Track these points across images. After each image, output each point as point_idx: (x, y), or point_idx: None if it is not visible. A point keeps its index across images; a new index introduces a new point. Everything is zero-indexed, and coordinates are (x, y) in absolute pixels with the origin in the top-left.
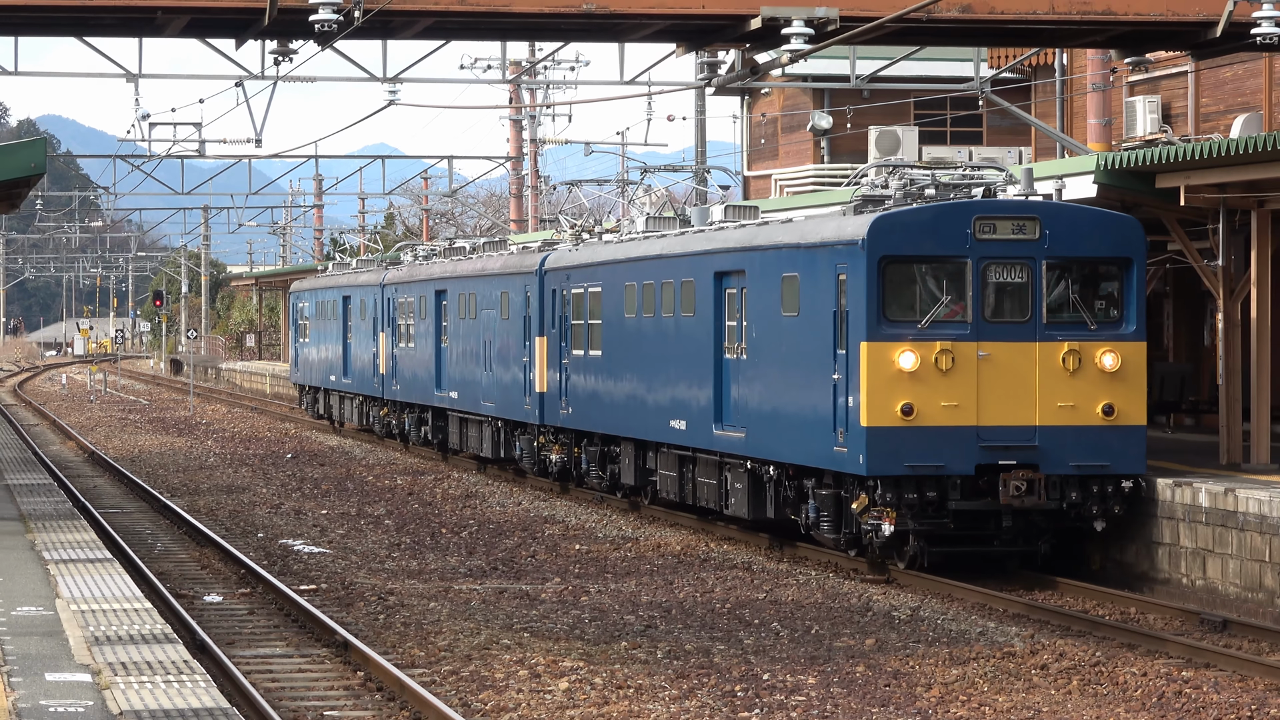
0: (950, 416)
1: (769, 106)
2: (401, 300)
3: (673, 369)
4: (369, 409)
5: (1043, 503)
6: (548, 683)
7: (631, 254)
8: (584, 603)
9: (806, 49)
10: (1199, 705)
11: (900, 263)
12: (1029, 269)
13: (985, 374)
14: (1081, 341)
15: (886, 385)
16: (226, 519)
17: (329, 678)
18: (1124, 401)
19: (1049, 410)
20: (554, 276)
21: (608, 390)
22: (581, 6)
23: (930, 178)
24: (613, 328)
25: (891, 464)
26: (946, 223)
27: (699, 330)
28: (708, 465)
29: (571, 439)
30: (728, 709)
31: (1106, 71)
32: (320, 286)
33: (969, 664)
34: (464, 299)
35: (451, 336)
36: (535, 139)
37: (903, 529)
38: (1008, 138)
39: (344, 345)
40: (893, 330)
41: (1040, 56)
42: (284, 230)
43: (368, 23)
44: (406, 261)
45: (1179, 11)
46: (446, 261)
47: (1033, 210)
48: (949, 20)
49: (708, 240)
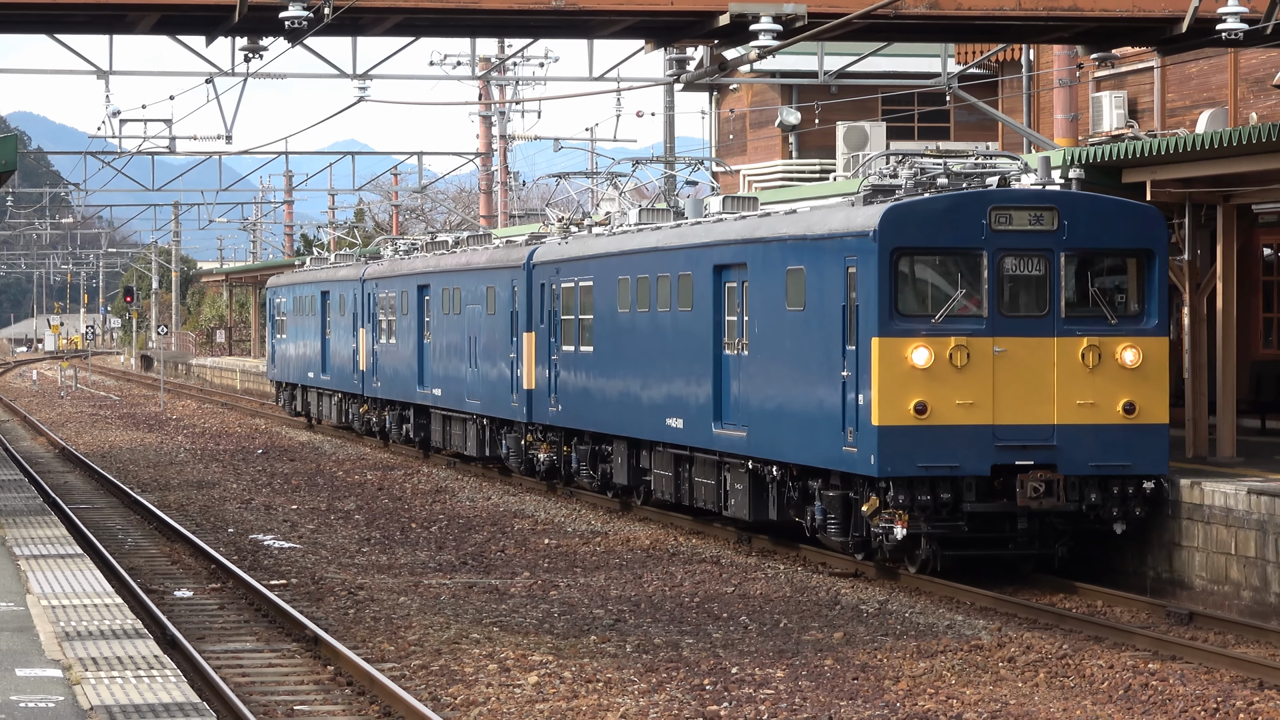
0: (965, 415)
1: (737, 102)
2: (382, 295)
3: (669, 365)
4: (348, 406)
5: (1061, 504)
6: (517, 677)
7: (625, 247)
8: (553, 597)
9: (774, 45)
10: (1165, 697)
11: (913, 254)
12: (1047, 261)
13: (1001, 370)
14: (1101, 336)
15: (899, 382)
16: (197, 514)
17: (299, 672)
18: (1145, 399)
19: (1068, 408)
20: (542, 270)
21: (600, 387)
22: (550, 3)
23: (942, 166)
24: (605, 323)
25: (904, 464)
26: (961, 213)
27: (697, 325)
28: (706, 465)
29: (561, 437)
30: (696, 702)
31: (1073, 67)
32: (298, 282)
33: (936, 657)
34: (448, 294)
35: (434, 332)
36: (505, 135)
37: (915, 532)
38: (975, 133)
39: (322, 341)
40: (905, 325)
41: (1007, 52)
42: (254, 226)
43: (337, 20)
44: (387, 256)
45: (1145, 7)
46: (429, 256)
47: (1050, 200)
48: (916, 17)
49: (706, 232)
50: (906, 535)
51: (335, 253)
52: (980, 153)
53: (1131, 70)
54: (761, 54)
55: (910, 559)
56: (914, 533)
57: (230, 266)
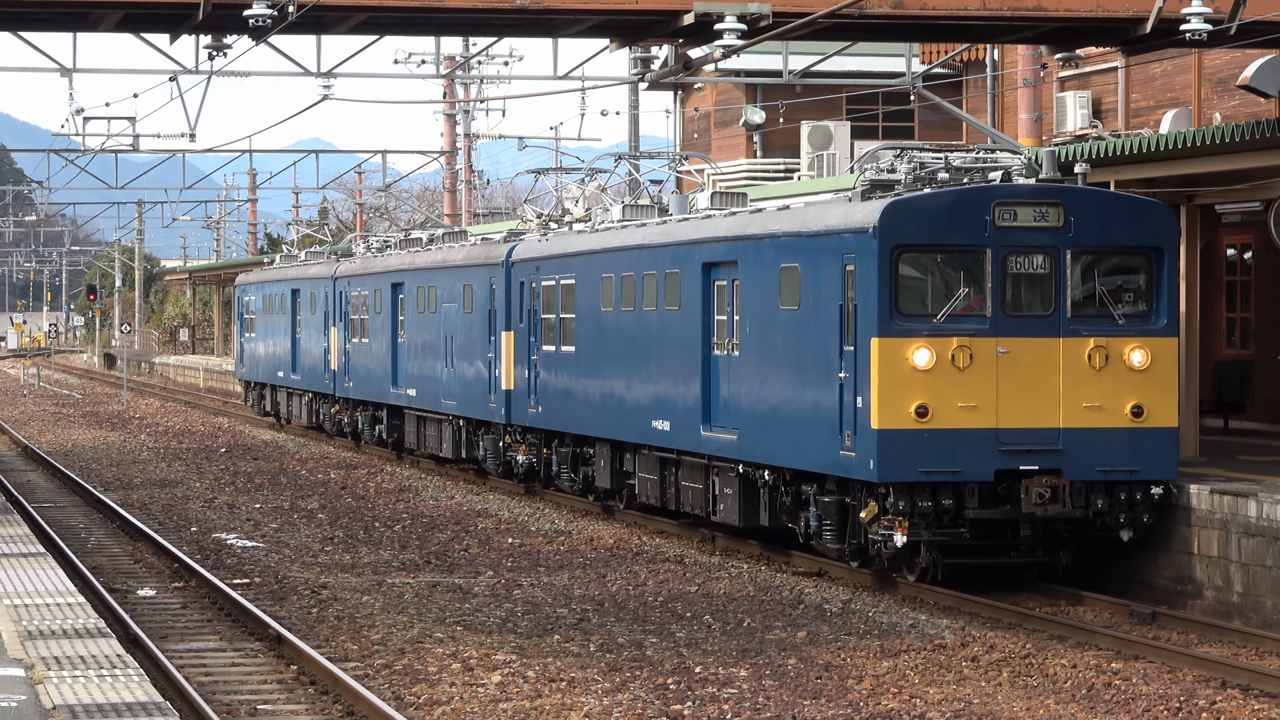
0: (968, 418)
1: (702, 101)
2: (355, 294)
3: (655, 366)
4: (319, 406)
5: (1067, 511)
6: (480, 676)
7: (608, 244)
8: (517, 596)
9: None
10: (1128, 696)
11: (914, 252)
12: (1052, 258)
13: (1005, 372)
14: (1108, 337)
15: (899, 384)
16: (160, 513)
17: (262, 672)
18: (1154, 402)
19: (1074, 411)
20: (522, 268)
21: (582, 388)
22: (515, 2)
23: (943, 161)
24: (588, 322)
25: (905, 469)
26: (964, 209)
27: (685, 325)
28: (693, 468)
29: (541, 439)
30: (660, 701)
31: (1037, 67)
32: (267, 279)
33: (900, 656)
34: (423, 292)
35: (409, 331)
36: (469, 133)
37: (915, 540)
38: (939, 132)
39: (293, 340)
40: (906, 325)
41: (972, 52)
42: (218, 225)
43: (302, 18)
44: (359, 253)
45: (1109, 8)
46: (403, 253)
47: (1056, 195)
48: (881, 16)
49: (695, 229)
50: (906, 543)
51: (306, 250)
52: (982, 147)
53: (1096, 70)
54: (726, 53)
55: (909, 567)
56: (914, 540)
57: (194, 265)
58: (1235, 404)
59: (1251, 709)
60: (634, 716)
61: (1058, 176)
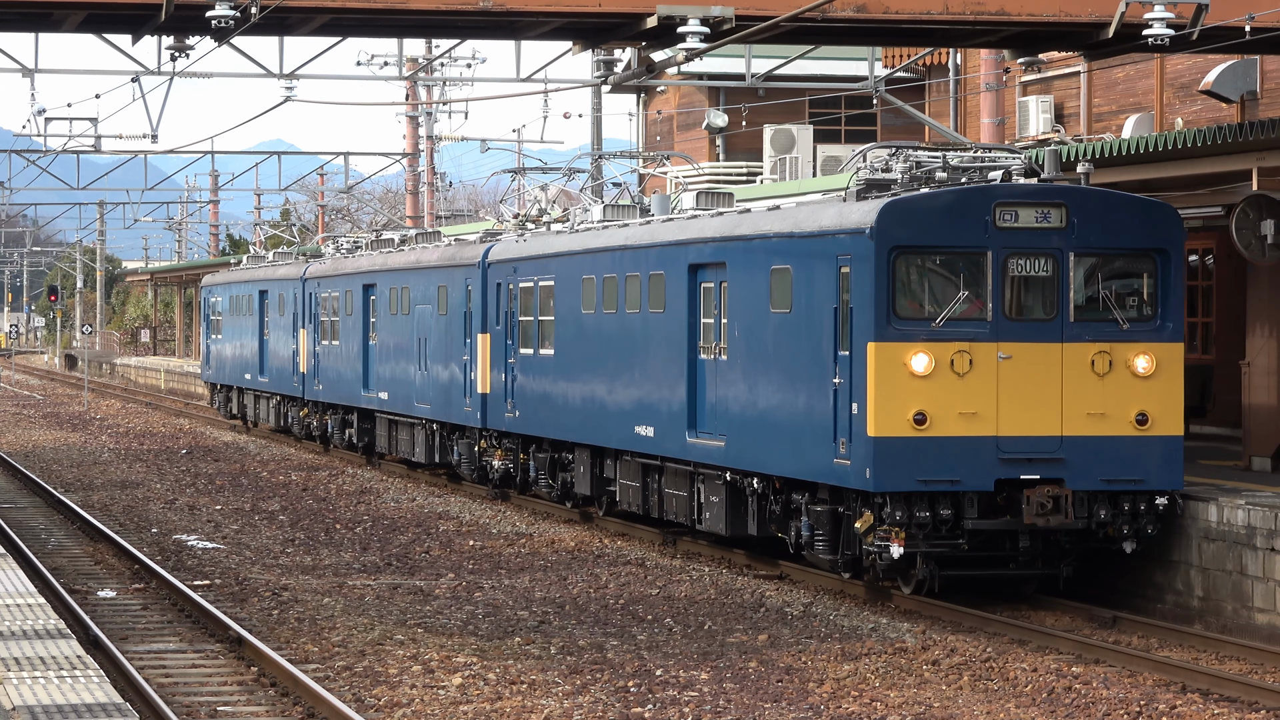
0: (967, 425)
1: (665, 104)
2: (325, 295)
3: (638, 370)
4: (287, 409)
5: (1070, 521)
6: (441, 678)
7: (590, 245)
8: (478, 598)
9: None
10: (1089, 701)
11: (912, 253)
12: (1055, 261)
13: (1006, 378)
14: (1112, 342)
15: (897, 390)
16: (121, 514)
17: (223, 673)
18: (1159, 409)
19: (1076, 419)
20: (499, 269)
21: (561, 392)
22: (478, 4)
23: (940, 160)
24: (568, 324)
25: (902, 479)
26: (964, 209)
27: (670, 328)
28: (677, 475)
29: (518, 444)
30: (621, 704)
31: (1000, 71)
32: (234, 280)
33: (861, 659)
34: (395, 294)
35: (381, 333)
36: (431, 136)
37: (912, 551)
38: (902, 136)
39: (260, 342)
40: (904, 329)
41: (934, 56)
42: (179, 226)
43: (264, 19)
44: (329, 254)
45: (1071, 12)
46: (375, 254)
47: (1059, 195)
48: (844, 20)
49: (680, 229)
50: (903, 554)
51: (274, 251)
52: (979, 145)
53: (1058, 75)
54: (689, 56)
55: (904, 579)
56: (911, 552)
57: (155, 266)
58: (1196, 409)
59: (1212, 713)
60: (595, 718)
61: (1060, 175)
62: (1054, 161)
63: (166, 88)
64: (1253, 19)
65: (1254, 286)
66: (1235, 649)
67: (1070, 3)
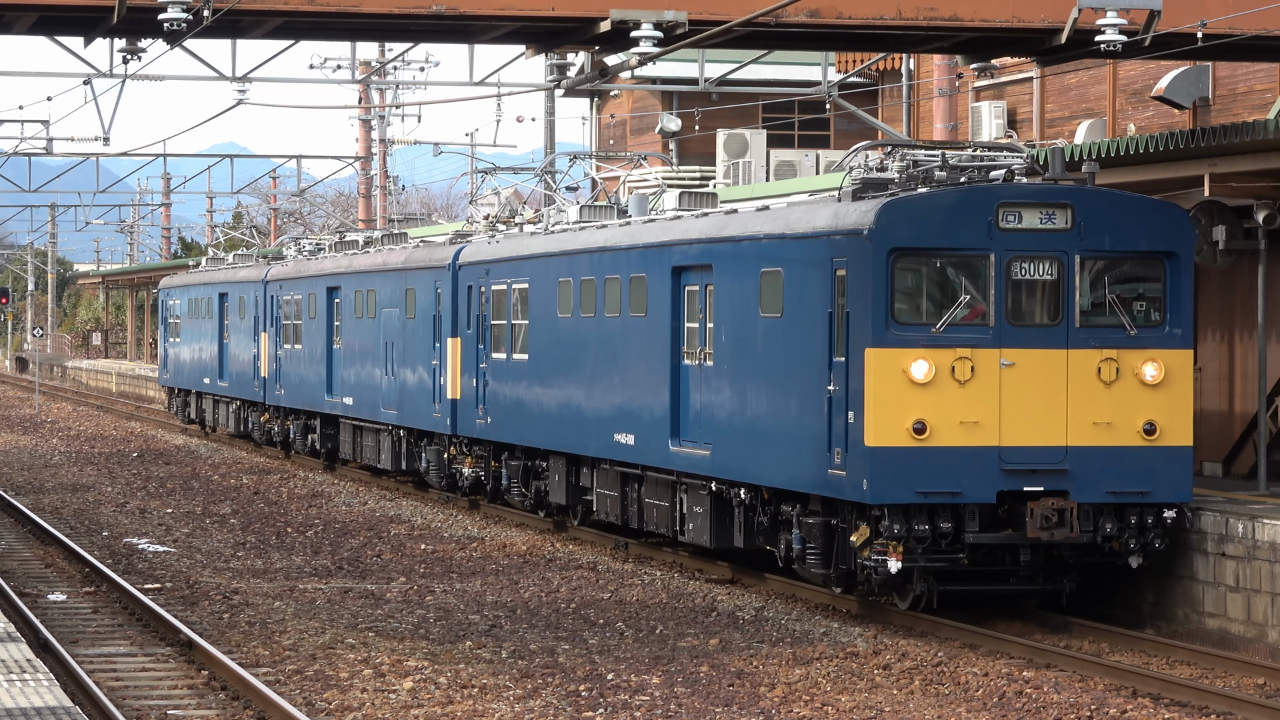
0: (969, 435)
1: (618, 108)
2: (287, 298)
3: (618, 376)
4: (248, 414)
5: (1075, 535)
6: (392, 682)
7: (566, 246)
8: (429, 602)
9: (655, 52)
10: (1039, 705)
11: (912, 256)
12: (1060, 264)
13: (1009, 385)
14: (1119, 349)
15: (895, 398)
16: (71, 517)
17: (173, 677)
18: (1167, 418)
19: (1081, 428)
20: (470, 271)
21: (536, 399)
22: (431, 7)
23: (939, 158)
24: (543, 329)
25: (901, 490)
26: (966, 210)
27: (652, 332)
28: (659, 485)
29: (489, 451)
30: (572, 709)
31: (952, 77)
32: (193, 283)
33: (812, 664)
34: (360, 296)
35: (346, 337)
36: (384, 139)
37: (910, 565)
38: (854, 141)
39: (220, 346)
40: (903, 334)
41: (887, 61)
42: (131, 229)
43: (217, 22)
44: (291, 256)
45: (1024, 18)
46: (339, 256)
47: (1064, 196)
48: (797, 25)
49: (663, 230)
50: (901, 569)
51: (234, 253)
52: (979, 144)
53: (1011, 80)
54: (642, 60)
55: (900, 594)
56: (909, 566)
57: (107, 269)
58: None
59: (1162, 717)
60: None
61: (1065, 175)
62: (1058, 160)
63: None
64: (1205, 25)
65: (1205, 292)
66: (1186, 654)
67: (1023, 9)
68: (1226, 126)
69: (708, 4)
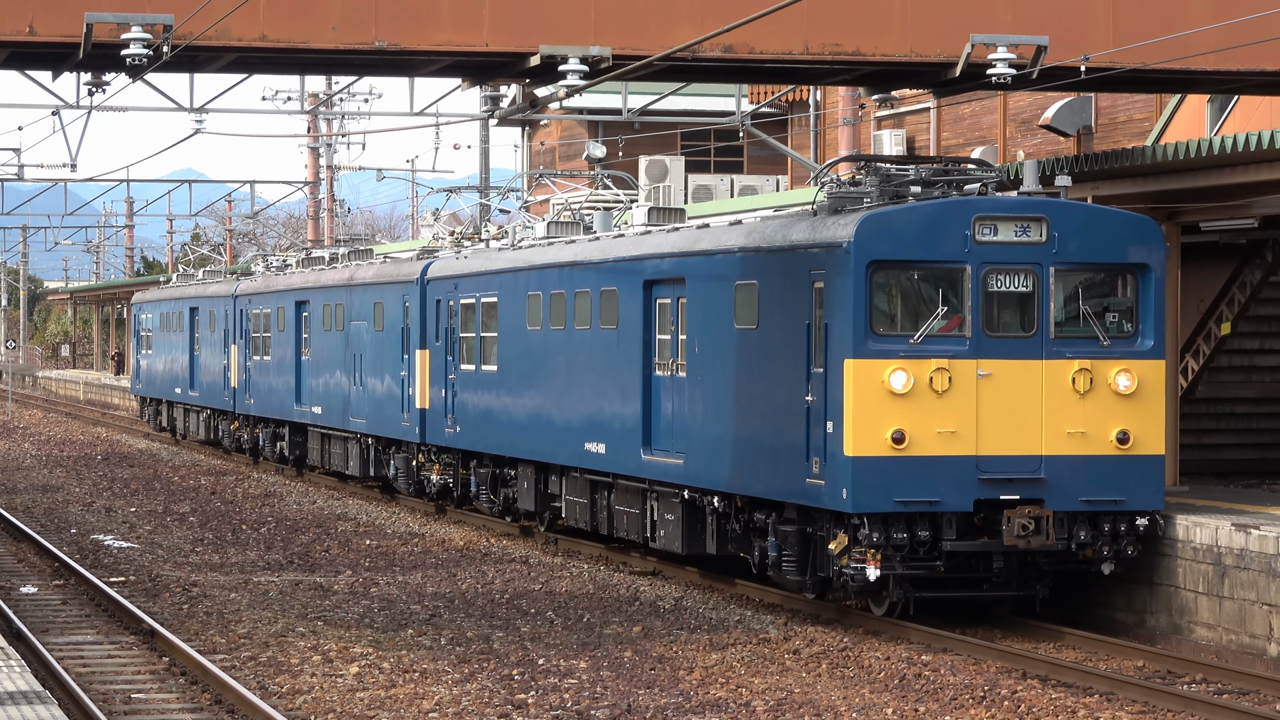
0: (946, 445)
1: (548, 136)
2: (256, 312)
3: (589, 387)
4: (218, 423)
5: (1050, 543)
6: (339, 667)
7: (535, 261)
8: (373, 593)
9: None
10: (937, 686)
11: (891, 268)
12: (1035, 276)
13: (985, 396)
14: (1093, 359)
15: (875, 409)
16: (42, 516)
17: (137, 663)
18: (1140, 428)
19: (1056, 437)
20: (438, 286)
21: (505, 409)
22: (374, 44)
23: (913, 172)
24: (512, 341)
25: (880, 499)
26: (943, 222)
27: (623, 344)
28: (629, 493)
29: (457, 459)
30: (506, 691)
31: (856, 107)
32: (165, 298)
33: (728, 649)
34: (329, 310)
35: (314, 349)
36: (331, 165)
37: (888, 573)
38: (766, 167)
39: (191, 357)
40: (881, 346)
41: (796, 93)
42: (97, 249)
43: (175, 57)
44: (259, 272)
45: (921, 53)
46: (308, 272)
47: (1039, 209)
48: (712, 59)
49: (635, 245)
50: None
51: (204, 269)
52: (948, 159)
53: (910, 110)
54: (570, 92)
55: (875, 601)
56: (886, 573)
57: (75, 286)
58: None
59: (1050, 697)
60: (481, 705)
61: (1039, 189)
62: (1033, 173)
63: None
64: (1087, 60)
65: None
66: (1073, 639)
67: (920, 44)
68: (1108, 153)
69: (630, 40)
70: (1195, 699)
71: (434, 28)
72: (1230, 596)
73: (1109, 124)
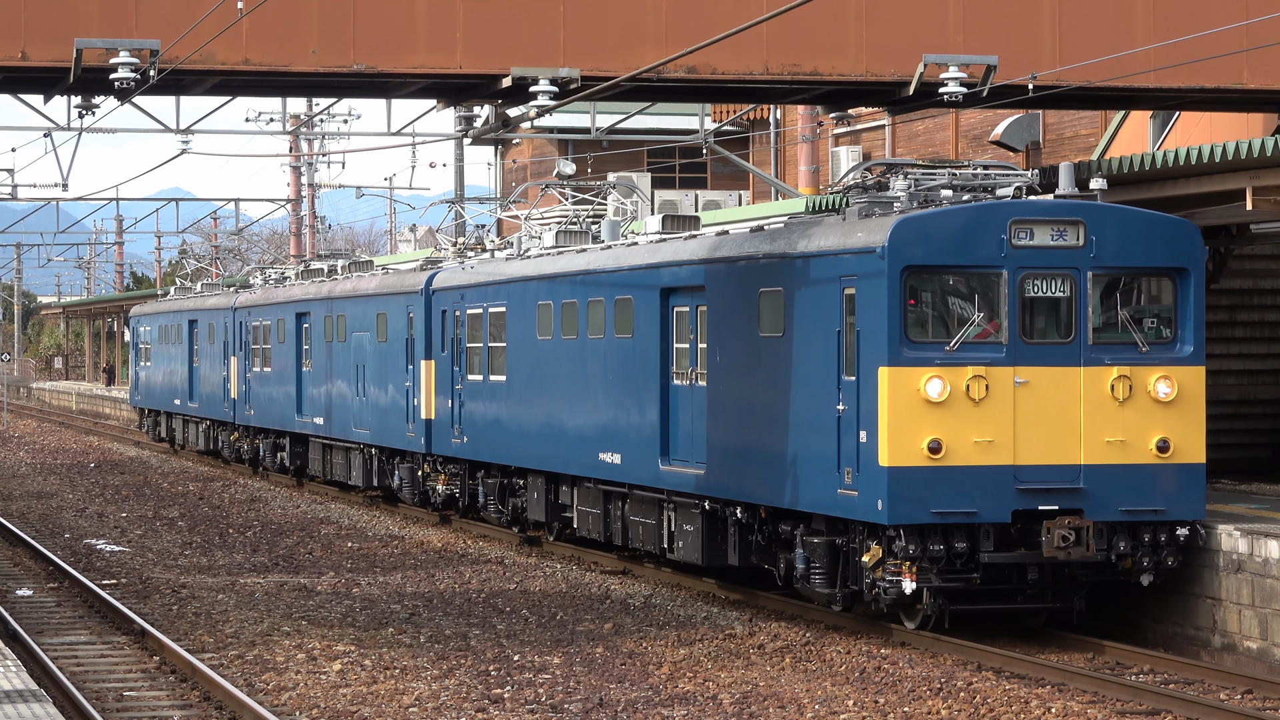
0: (983, 454)
1: (520, 154)
2: (256, 324)
3: (603, 397)
4: (217, 433)
5: (1090, 554)
6: (323, 665)
7: (545, 270)
8: (355, 594)
9: (552, 105)
10: (895, 679)
11: (926, 274)
12: (1072, 281)
13: (1023, 404)
14: (1132, 366)
15: (910, 418)
16: (36, 521)
17: (128, 662)
18: (1180, 436)
19: (1095, 446)
20: (444, 296)
21: (514, 418)
22: (353, 66)
23: (947, 176)
24: (521, 351)
25: (917, 511)
26: (979, 227)
27: (639, 353)
28: (645, 503)
29: (465, 469)
30: (483, 686)
31: (814, 124)
32: (163, 310)
33: (695, 645)
34: (330, 321)
35: (315, 360)
36: (312, 183)
37: (923, 585)
38: (729, 182)
39: (190, 369)
40: (917, 353)
41: (757, 111)
42: (88, 265)
43: (162, 81)
44: (258, 285)
45: (876, 73)
46: (307, 284)
47: (1076, 212)
48: (677, 80)
49: (651, 253)
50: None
51: (201, 283)
52: (979, 163)
53: (866, 128)
54: (540, 112)
55: (908, 614)
56: (921, 586)
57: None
58: None
59: (1004, 688)
60: (459, 700)
61: (1075, 192)
62: (1069, 176)
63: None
64: (1035, 78)
65: None
66: (1027, 633)
67: (875, 64)
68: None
69: (598, 62)
70: (1142, 689)
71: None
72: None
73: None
